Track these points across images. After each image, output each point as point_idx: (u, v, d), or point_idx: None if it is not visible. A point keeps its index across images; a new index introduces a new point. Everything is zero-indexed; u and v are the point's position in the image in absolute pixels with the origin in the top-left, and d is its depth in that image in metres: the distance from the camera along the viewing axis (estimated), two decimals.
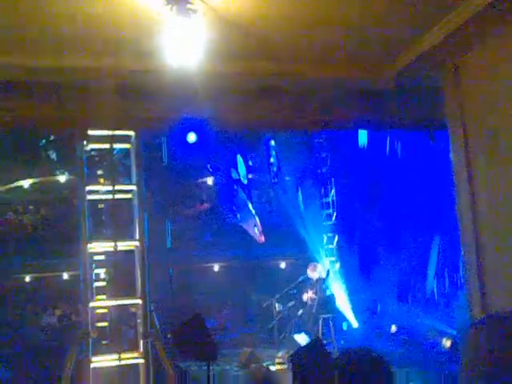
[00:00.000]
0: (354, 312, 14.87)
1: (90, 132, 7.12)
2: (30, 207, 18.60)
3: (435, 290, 13.84)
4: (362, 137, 15.40)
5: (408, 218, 14.79)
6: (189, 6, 4.54)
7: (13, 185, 18.10)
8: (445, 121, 6.01)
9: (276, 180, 17.50)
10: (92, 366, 6.99)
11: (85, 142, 7.21)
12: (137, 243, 7.35)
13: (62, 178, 18.04)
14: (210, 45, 4.91)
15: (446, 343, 11.77)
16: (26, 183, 18.18)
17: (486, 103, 5.26)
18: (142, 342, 7.26)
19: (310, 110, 7.02)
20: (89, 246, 7.15)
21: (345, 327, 14.66)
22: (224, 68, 5.83)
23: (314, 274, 12.84)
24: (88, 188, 7.32)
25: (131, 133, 7.47)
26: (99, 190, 7.68)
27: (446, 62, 5.66)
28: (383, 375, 2.28)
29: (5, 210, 18.28)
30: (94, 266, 8.77)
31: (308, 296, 12.69)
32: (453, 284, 13.23)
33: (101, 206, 9.94)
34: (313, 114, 7.11)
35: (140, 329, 7.30)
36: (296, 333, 12.66)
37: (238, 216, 18.11)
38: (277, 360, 11.81)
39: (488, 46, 5.19)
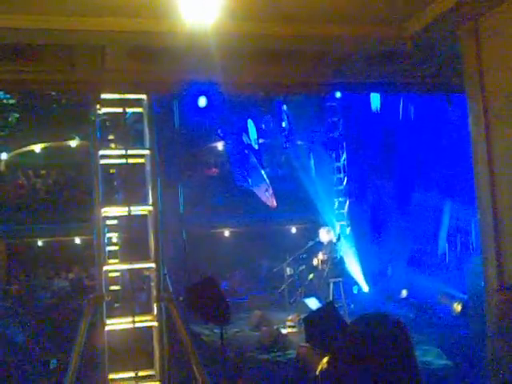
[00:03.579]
0: (364, 276, 14.92)
1: (103, 96, 7.05)
2: (42, 172, 18.66)
3: (447, 254, 13.84)
4: (375, 100, 15.23)
5: (420, 182, 14.73)
6: None
7: (24, 149, 18.13)
8: (463, 84, 5.89)
9: (287, 145, 17.41)
10: (106, 328, 7.04)
11: (98, 106, 7.14)
12: (150, 208, 7.33)
13: (73, 143, 18.06)
14: (225, 4, 4.81)
15: (457, 307, 11.80)
16: (37, 148, 18.20)
17: (506, 65, 5.14)
18: (155, 305, 7.31)
19: (325, 73, 6.92)
20: (102, 210, 7.14)
21: (355, 291, 14.74)
22: (238, 29, 5.71)
23: (326, 236, 12.84)
24: (101, 152, 7.26)
25: (144, 96, 7.38)
26: (112, 155, 7.63)
27: (465, 22, 5.52)
28: (401, 340, 2.26)
29: (17, 174, 18.36)
30: (106, 230, 8.81)
31: (318, 260, 12.72)
32: (464, 248, 13.22)
33: (112, 170, 9.93)
34: (328, 76, 7.01)
35: (153, 292, 7.33)
36: (306, 297, 12.73)
37: (249, 181, 18.08)
38: (287, 323, 11.92)
39: (509, 6, 5.06)
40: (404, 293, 13.86)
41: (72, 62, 6.25)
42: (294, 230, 18.78)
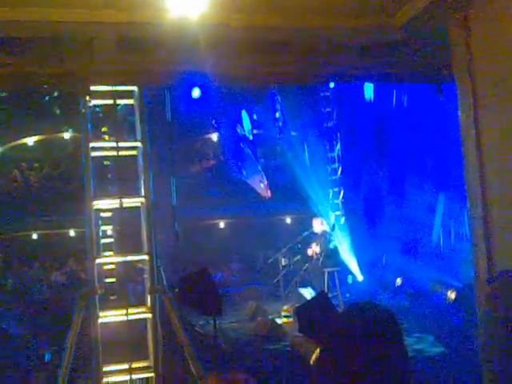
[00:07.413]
0: (359, 265, 14.97)
1: (93, 88, 7.01)
2: (35, 165, 18.60)
3: (441, 243, 13.88)
4: (368, 90, 15.24)
5: (414, 171, 14.75)
6: None
7: (17, 142, 18.06)
8: (453, 74, 5.89)
9: (281, 135, 17.40)
10: (100, 321, 7.05)
11: (87, 98, 7.10)
12: (142, 200, 7.31)
13: (67, 135, 17.98)
14: None
15: (451, 295, 11.86)
16: (30, 141, 18.13)
17: (495, 55, 5.13)
18: (149, 297, 7.31)
19: (317, 63, 6.90)
20: (94, 202, 7.12)
21: (350, 280, 14.79)
22: (228, 20, 5.68)
23: (319, 226, 12.90)
24: (92, 144, 7.23)
25: (134, 88, 7.35)
26: (104, 147, 7.60)
27: (454, 13, 5.50)
28: (390, 329, 2.26)
29: (10, 168, 18.30)
30: (100, 222, 8.80)
31: (313, 250, 12.77)
32: (458, 237, 13.26)
33: (107, 162, 9.91)
34: (320, 66, 6.99)
35: (147, 284, 7.34)
36: (301, 287, 12.78)
37: (244, 172, 18.11)
38: (283, 313, 11.97)
39: None
40: (399, 281, 13.91)
41: (60, 55, 6.20)
42: (288, 220, 18.81)
